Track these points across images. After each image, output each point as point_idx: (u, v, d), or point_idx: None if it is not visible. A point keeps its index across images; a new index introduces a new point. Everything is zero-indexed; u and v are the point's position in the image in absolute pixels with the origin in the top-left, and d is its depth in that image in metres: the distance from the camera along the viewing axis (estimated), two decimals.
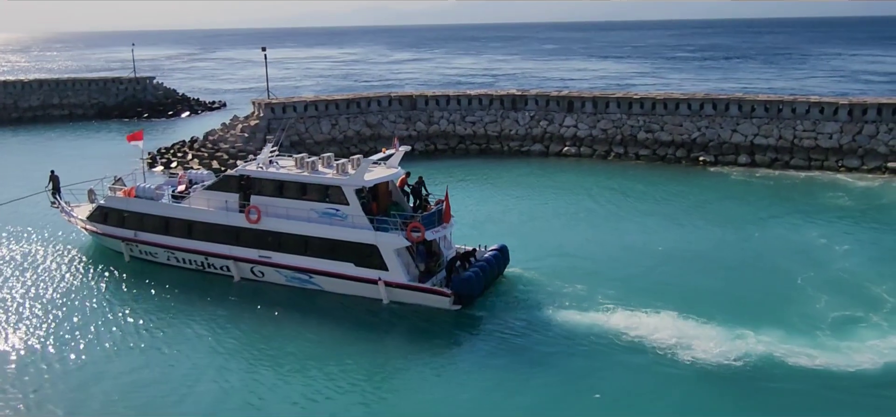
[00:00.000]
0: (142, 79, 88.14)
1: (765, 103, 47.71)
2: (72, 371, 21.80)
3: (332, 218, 26.35)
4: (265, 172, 27.79)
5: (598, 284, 26.92)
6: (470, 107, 55.06)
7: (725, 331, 22.79)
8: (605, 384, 20.32)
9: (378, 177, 26.75)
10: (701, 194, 40.89)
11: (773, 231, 33.88)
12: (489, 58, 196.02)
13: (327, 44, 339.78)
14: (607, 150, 50.18)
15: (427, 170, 47.35)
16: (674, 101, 49.96)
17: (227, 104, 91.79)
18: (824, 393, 19.62)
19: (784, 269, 28.58)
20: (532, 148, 52.18)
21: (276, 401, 19.84)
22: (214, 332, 24.07)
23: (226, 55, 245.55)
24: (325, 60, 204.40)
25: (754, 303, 25.21)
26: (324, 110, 54.45)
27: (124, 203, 30.80)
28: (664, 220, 35.93)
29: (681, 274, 28.33)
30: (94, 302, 26.75)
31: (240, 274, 28.28)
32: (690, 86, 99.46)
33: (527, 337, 23.09)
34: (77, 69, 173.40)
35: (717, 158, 47.24)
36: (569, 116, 52.37)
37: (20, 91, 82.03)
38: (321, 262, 26.49)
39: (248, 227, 27.57)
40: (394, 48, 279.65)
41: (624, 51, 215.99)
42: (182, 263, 29.54)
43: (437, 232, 25.99)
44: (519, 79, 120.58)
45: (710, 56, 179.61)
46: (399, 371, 21.53)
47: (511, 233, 32.59)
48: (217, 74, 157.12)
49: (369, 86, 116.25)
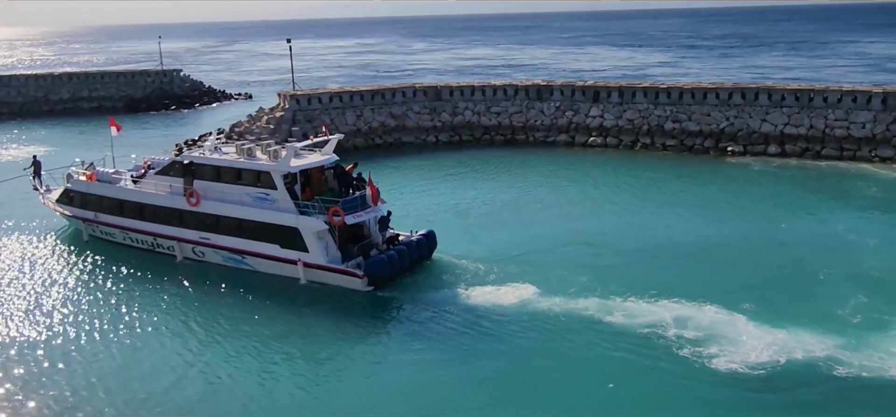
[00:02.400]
0: (169, 72, 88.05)
1: (795, 92, 46.32)
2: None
3: (263, 202, 27.52)
4: (205, 158, 29.34)
5: (603, 275, 26.18)
6: (495, 98, 54.11)
7: (748, 325, 21.89)
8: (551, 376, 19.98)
9: (305, 164, 27.57)
10: (728, 185, 39.78)
11: (802, 222, 32.74)
12: (505, 47, 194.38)
13: (346, 35, 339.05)
14: (634, 141, 49.05)
15: (451, 162, 47.29)
16: (701, 91, 48.68)
17: (253, 95, 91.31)
18: (849, 395, 18.47)
19: (810, 262, 27.45)
20: (557, 138, 51.14)
21: (182, 378, 20.58)
22: (145, 307, 25.39)
23: (248, 47, 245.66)
24: (343, 51, 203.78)
25: (777, 296, 24.21)
26: (348, 101, 53.80)
27: (86, 186, 32.70)
28: (689, 210, 34.99)
29: (701, 266, 27.48)
30: (42, 277, 28.55)
31: (182, 254, 29.76)
32: (711, 74, 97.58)
33: (440, 321, 23.31)
34: (102, 62, 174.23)
35: (746, 148, 45.95)
36: (595, 106, 51.25)
37: (50, 84, 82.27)
38: (252, 244, 27.72)
39: (190, 210, 29.02)
40: (410, 38, 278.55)
41: (640, 39, 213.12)
42: (135, 243, 31.26)
43: (358, 217, 26.61)
44: (536, 69, 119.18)
45: (728, 44, 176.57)
46: (309, 347, 22.22)
47: (513, 224, 32.63)
48: (241, 66, 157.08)
49: (389, 76, 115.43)
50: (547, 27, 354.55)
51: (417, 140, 52.88)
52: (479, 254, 28.86)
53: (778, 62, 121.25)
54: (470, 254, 28.83)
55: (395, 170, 45.10)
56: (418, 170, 45.49)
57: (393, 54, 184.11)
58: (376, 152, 50.93)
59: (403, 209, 34.57)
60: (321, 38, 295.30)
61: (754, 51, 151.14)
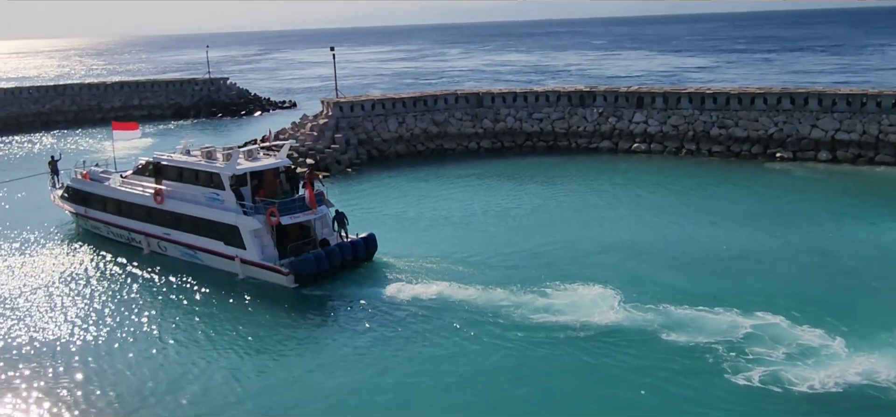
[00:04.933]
0: (216, 80, 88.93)
1: (847, 96, 44.41)
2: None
3: (214, 202, 29.02)
4: (170, 159, 31.22)
5: (649, 285, 25.12)
6: (537, 104, 53.13)
7: (791, 335, 20.93)
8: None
9: (251, 167, 28.69)
10: (776, 191, 38.11)
11: (852, 230, 31.06)
12: (540, 52, 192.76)
13: (382, 42, 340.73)
14: (679, 147, 47.62)
15: (491, 169, 46.43)
16: (749, 96, 47.04)
17: (297, 103, 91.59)
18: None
19: (859, 272, 25.94)
20: (600, 144, 49.96)
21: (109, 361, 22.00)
22: (103, 293, 27.49)
23: (288, 55, 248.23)
24: (380, 58, 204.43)
25: (822, 306, 22.82)
26: (391, 108, 53.39)
27: (80, 184, 35.35)
28: (735, 217, 33.56)
29: (743, 273, 26.33)
30: (31, 262, 31.28)
31: (149, 247, 31.72)
32: (753, 79, 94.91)
33: (361, 318, 23.90)
34: (149, 71, 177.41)
35: (796, 154, 44.18)
36: (638, 112, 49.94)
37: (103, 92, 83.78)
38: (203, 240, 29.37)
39: (156, 207, 30.95)
40: (445, 44, 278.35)
41: (675, 44, 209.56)
42: (115, 237, 33.63)
43: (295, 218, 27.55)
44: (570, 75, 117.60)
45: (768, 48, 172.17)
46: (227, 337, 23.23)
47: (554, 229, 32.23)
48: (284, 74, 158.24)
49: (428, 83, 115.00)
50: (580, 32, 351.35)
51: (459, 146, 52.20)
52: (509, 262, 28.49)
53: (820, 66, 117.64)
54: (488, 263, 28.36)
55: (435, 177, 44.59)
56: (458, 178, 44.44)
57: (429, 60, 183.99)
58: (418, 159, 50.41)
59: (436, 213, 34.66)
60: (359, 46, 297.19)
61: (796, 55, 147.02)
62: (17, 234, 35.67)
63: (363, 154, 50.35)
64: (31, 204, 41.54)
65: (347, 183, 44.68)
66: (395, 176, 45.69)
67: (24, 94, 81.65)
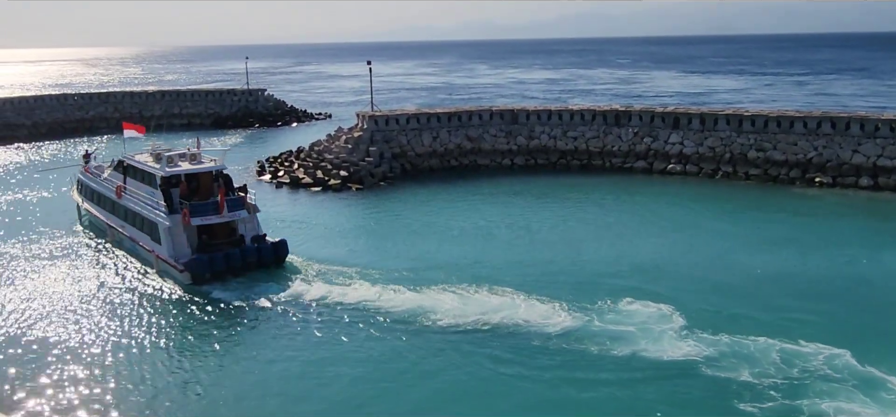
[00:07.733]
0: (254, 91, 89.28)
1: (891, 122, 42.70)
2: None
3: (149, 200, 30.75)
4: (131, 159, 33.56)
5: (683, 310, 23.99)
6: (572, 122, 52.15)
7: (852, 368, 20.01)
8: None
9: (181, 170, 30.35)
10: (815, 217, 36.70)
11: (891, 259, 29.65)
12: (568, 70, 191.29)
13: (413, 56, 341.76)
14: (715, 169, 46.23)
15: (527, 185, 45.54)
16: (788, 119, 45.55)
17: (332, 116, 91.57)
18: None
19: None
20: (635, 164, 48.76)
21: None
22: (60, 277, 29.59)
23: (323, 68, 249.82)
24: (412, 72, 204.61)
25: (854, 335, 22.01)
26: (425, 123, 52.80)
27: (82, 177, 39.04)
28: (771, 242, 32.30)
29: (775, 299, 25.42)
30: (29, 247, 34.10)
31: (112, 237, 34.35)
32: (785, 102, 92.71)
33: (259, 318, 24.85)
34: (187, 81, 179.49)
35: (836, 180, 42.57)
36: (674, 133, 48.68)
37: (144, 101, 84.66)
38: (139, 234, 31.38)
39: (118, 202, 33.61)
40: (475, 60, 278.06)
41: (700, 64, 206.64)
42: (99, 226, 36.34)
43: (206, 220, 28.88)
44: (599, 95, 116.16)
45: (800, 71, 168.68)
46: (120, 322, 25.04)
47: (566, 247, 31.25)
48: (317, 86, 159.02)
49: (460, 99, 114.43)
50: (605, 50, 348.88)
51: (493, 163, 51.38)
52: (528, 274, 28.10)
53: (852, 89, 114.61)
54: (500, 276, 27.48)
55: (467, 192, 43.91)
56: (491, 195, 43.45)
57: (456, 75, 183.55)
58: (451, 174, 49.68)
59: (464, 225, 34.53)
60: (392, 60, 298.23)
61: (828, 78, 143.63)
62: (23, 223, 38.67)
63: (397, 168, 49.78)
64: (62, 196, 44.56)
65: (377, 195, 44.20)
66: (426, 189, 45.03)
67: (70, 101, 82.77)
